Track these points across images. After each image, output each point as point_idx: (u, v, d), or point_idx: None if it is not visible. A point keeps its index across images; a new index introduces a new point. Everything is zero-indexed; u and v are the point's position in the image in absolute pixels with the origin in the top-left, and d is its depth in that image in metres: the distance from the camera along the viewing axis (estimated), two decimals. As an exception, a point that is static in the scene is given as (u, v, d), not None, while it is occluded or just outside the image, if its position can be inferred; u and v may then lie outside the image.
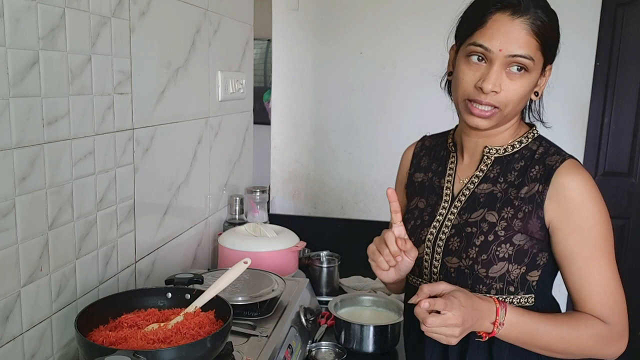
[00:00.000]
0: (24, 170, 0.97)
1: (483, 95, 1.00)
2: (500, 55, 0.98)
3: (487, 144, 1.10)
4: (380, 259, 1.06)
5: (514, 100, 1.01)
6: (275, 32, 2.52)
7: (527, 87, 1.01)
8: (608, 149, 2.73)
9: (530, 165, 1.06)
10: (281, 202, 2.62)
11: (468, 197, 1.10)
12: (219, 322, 1.07)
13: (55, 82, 1.04)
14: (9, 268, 0.96)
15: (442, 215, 1.13)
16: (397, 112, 2.48)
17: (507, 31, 0.97)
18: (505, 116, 1.03)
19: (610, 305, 1.01)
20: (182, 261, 1.68)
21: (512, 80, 0.99)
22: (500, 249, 1.03)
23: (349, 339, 1.43)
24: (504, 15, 0.98)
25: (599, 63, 2.53)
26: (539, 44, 0.99)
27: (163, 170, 1.51)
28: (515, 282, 1.04)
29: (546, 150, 1.07)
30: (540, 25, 0.98)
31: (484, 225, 1.05)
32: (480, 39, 0.99)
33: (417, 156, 1.26)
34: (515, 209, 1.04)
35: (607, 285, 1.01)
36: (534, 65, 0.99)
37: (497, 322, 0.97)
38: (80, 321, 0.98)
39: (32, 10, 0.97)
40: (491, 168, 1.10)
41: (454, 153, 1.18)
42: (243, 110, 2.13)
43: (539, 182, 1.03)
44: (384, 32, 2.44)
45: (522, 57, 0.98)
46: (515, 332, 0.98)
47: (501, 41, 0.97)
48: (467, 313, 0.93)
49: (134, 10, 1.30)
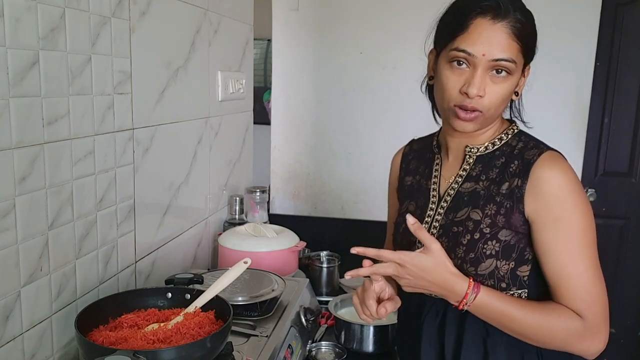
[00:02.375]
0: (24, 170, 0.97)
1: (468, 100, 1.01)
2: (483, 59, 0.99)
3: (468, 144, 1.11)
4: (363, 316, 1.11)
5: (497, 103, 1.02)
6: (275, 32, 2.52)
7: (509, 89, 1.03)
8: (608, 149, 2.73)
9: (510, 160, 1.07)
10: (281, 202, 2.62)
11: (453, 197, 1.11)
12: (219, 322, 1.07)
13: (55, 82, 1.04)
14: (9, 268, 0.96)
15: (430, 217, 1.14)
16: (397, 112, 2.48)
17: (489, 36, 0.98)
18: (488, 119, 1.05)
19: (585, 300, 1.00)
20: (182, 261, 1.68)
21: (496, 83, 1.01)
22: (486, 246, 1.04)
23: (349, 339, 1.43)
24: (485, 19, 0.98)
25: (599, 63, 2.53)
26: (520, 47, 1.00)
27: (163, 170, 1.51)
28: (505, 278, 1.04)
29: (525, 145, 1.08)
30: (520, 27, 0.99)
31: (469, 223, 1.06)
32: (462, 45, 0.99)
33: (406, 159, 1.27)
34: (497, 205, 1.04)
35: (583, 279, 1.00)
36: (516, 68, 1.01)
37: (463, 303, 1.00)
38: (80, 321, 0.98)
39: (32, 10, 0.97)
40: (473, 167, 1.11)
41: (438, 154, 1.19)
42: (243, 110, 2.13)
43: (518, 177, 1.03)
44: (384, 32, 2.44)
45: (506, 61, 0.99)
46: (483, 311, 1.01)
47: (484, 46, 0.98)
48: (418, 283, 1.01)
49: (134, 10, 1.30)
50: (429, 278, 1.00)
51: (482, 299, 1.00)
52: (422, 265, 0.99)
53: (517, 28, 0.98)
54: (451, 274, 1.01)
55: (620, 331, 2.81)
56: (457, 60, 1.01)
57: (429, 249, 1.00)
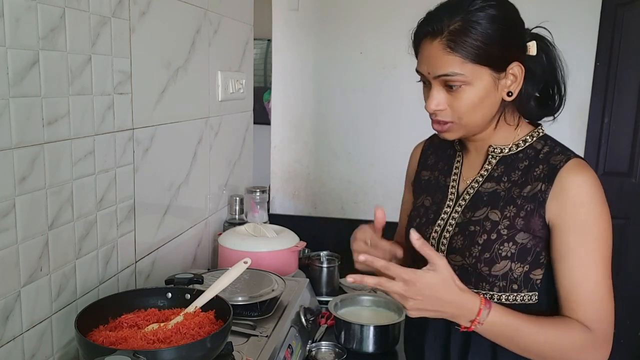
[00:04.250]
0: (24, 170, 0.97)
1: (433, 114, 1.06)
2: (430, 77, 1.03)
3: (491, 143, 1.11)
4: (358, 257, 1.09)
5: (464, 112, 1.03)
6: (275, 32, 2.52)
7: (474, 97, 1.01)
8: (608, 149, 2.73)
9: (535, 164, 1.06)
10: (281, 202, 2.62)
11: (472, 196, 1.11)
12: (219, 322, 1.07)
13: (55, 82, 1.04)
14: (9, 268, 0.96)
15: (446, 214, 1.13)
16: (397, 112, 2.48)
17: (429, 55, 1.02)
18: (466, 126, 1.05)
19: (597, 311, 0.99)
20: (182, 261, 1.68)
21: (453, 95, 1.02)
22: (503, 247, 1.03)
23: (349, 339, 1.43)
24: (426, 40, 1.03)
25: (599, 63, 2.53)
26: (463, 58, 0.99)
27: (163, 170, 1.51)
28: (518, 281, 1.04)
29: (551, 149, 1.07)
30: (459, 41, 0.98)
31: (487, 223, 1.06)
32: (417, 65, 1.07)
33: (425, 154, 1.28)
34: (518, 207, 1.04)
35: (598, 291, 0.99)
36: (467, 78, 1.00)
37: (477, 321, 0.97)
38: (80, 321, 0.98)
39: (32, 10, 0.97)
40: (495, 167, 1.11)
41: (459, 152, 1.19)
42: (243, 110, 2.13)
43: (542, 182, 1.03)
44: (384, 32, 2.44)
45: (446, 76, 1.01)
46: (495, 330, 0.98)
47: (427, 65, 1.03)
48: (427, 303, 0.96)
49: (134, 10, 1.30)
50: (439, 296, 0.95)
51: (495, 316, 0.97)
52: (431, 283, 0.95)
53: (453, 42, 0.98)
54: (460, 289, 0.97)
55: (621, 331, 2.80)
56: (422, 81, 1.08)
57: (436, 265, 0.96)
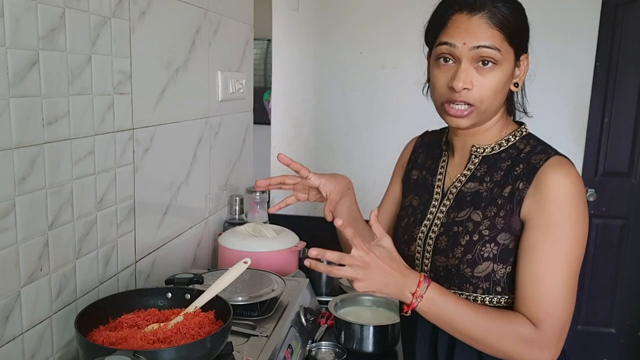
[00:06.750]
0: (24, 170, 0.97)
1: (456, 94, 1.01)
2: (465, 49, 0.99)
3: (474, 143, 1.10)
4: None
5: (488, 95, 1.01)
6: (275, 32, 2.52)
7: (500, 80, 1.01)
8: (608, 149, 2.74)
9: (515, 164, 1.05)
10: (281, 202, 2.61)
11: (455, 195, 1.10)
12: (219, 322, 1.07)
13: (55, 82, 1.04)
14: (9, 268, 0.96)
15: (432, 214, 1.13)
16: (397, 112, 2.48)
17: (467, 27, 0.99)
18: (484, 112, 1.03)
19: (547, 310, 0.96)
20: (182, 261, 1.68)
21: (482, 75, 1.00)
22: (485, 248, 1.03)
23: (349, 339, 1.43)
24: (462, 15, 1.00)
25: (599, 63, 2.53)
26: (503, 35, 0.99)
27: (163, 170, 1.51)
28: (501, 282, 1.03)
29: (533, 148, 1.06)
30: (500, 17, 0.98)
31: (469, 224, 1.05)
32: (444, 38, 1.01)
33: (416, 152, 1.27)
34: (498, 207, 1.03)
35: (553, 290, 0.97)
36: (502, 57, 0.99)
37: (417, 293, 0.97)
38: (80, 321, 0.98)
39: (32, 10, 0.97)
40: (478, 167, 1.10)
41: (445, 151, 1.19)
42: (243, 110, 2.13)
43: (521, 180, 1.02)
44: (384, 32, 2.44)
45: (487, 48, 0.98)
46: (434, 308, 0.98)
47: (463, 36, 0.99)
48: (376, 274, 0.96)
49: (134, 10, 1.30)
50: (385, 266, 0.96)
51: (433, 292, 0.98)
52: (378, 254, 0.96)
53: (497, 18, 0.98)
54: (404, 264, 1.00)
55: (620, 331, 2.81)
56: (443, 57, 1.02)
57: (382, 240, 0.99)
